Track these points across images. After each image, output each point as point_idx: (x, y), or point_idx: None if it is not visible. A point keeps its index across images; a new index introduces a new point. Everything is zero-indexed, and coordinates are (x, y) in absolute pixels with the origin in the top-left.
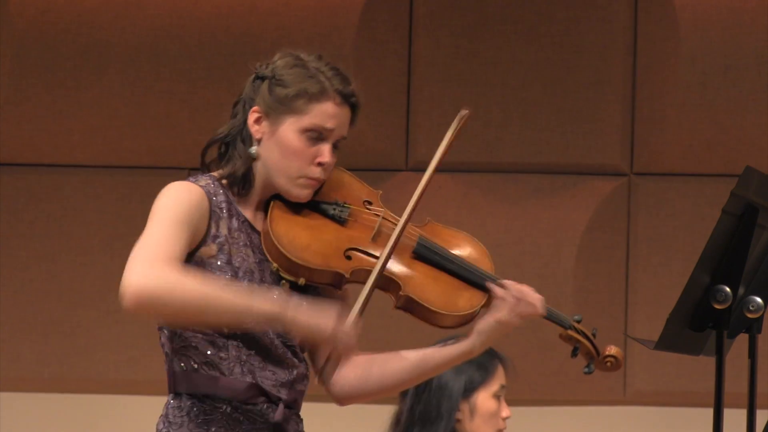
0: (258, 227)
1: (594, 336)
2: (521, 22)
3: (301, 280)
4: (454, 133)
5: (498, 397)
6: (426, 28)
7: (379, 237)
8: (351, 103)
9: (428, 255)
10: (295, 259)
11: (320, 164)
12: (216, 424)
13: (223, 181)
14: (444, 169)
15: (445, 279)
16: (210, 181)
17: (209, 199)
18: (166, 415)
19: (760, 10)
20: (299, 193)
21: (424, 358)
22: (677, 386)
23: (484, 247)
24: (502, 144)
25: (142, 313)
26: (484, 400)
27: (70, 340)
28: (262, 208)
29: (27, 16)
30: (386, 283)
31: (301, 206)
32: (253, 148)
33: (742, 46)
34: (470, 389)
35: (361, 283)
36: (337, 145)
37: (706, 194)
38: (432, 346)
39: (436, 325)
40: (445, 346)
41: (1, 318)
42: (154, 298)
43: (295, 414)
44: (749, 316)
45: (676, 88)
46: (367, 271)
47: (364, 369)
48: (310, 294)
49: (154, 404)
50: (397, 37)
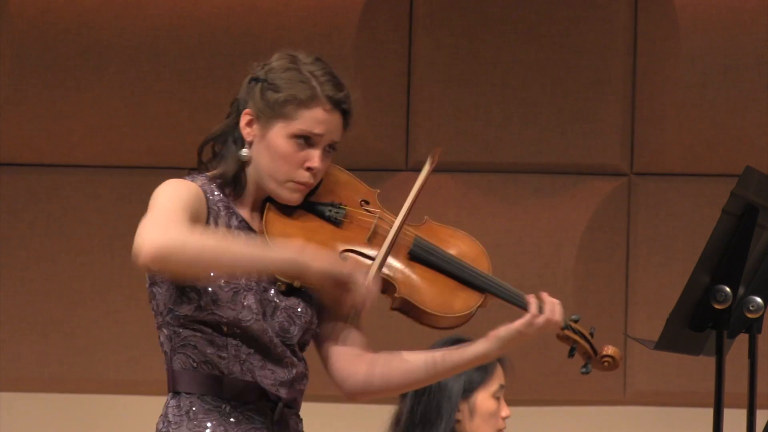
0: (255, 227)
1: (592, 336)
2: (521, 22)
3: (297, 282)
4: (428, 174)
5: (497, 397)
6: (426, 28)
7: (374, 238)
8: (342, 109)
9: (424, 256)
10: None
11: (309, 169)
12: (215, 423)
13: (218, 181)
14: (444, 169)
15: (442, 280)
16: (206, 181)
17: (206, 198)
18: (165, 415)
19: (760, 10)
20: (289, 196)
21: (440, 358)
22: (677, 386)
23: (481, 247)
24: (502, 144)
25: (159, 267)
26: (483, 400)
27: (70, 340)
28: (259, 209)
29: (27, 16)
30: (382, 284)
31: (297, 207)
32: (244, 150)
33: (742, 46)
34: (469, 389)
35: None
36: (334, 146)
37: (706, 194)
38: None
39: (433, 327)
40: (461, 347)
41: (1, 318)
42: (170, 249)
43: (294, 413)
44: (749, 316)
45: (676, 88)
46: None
47: (375, 365)
48: (307, 295)
49: (154, 404)
50: (397, 37)
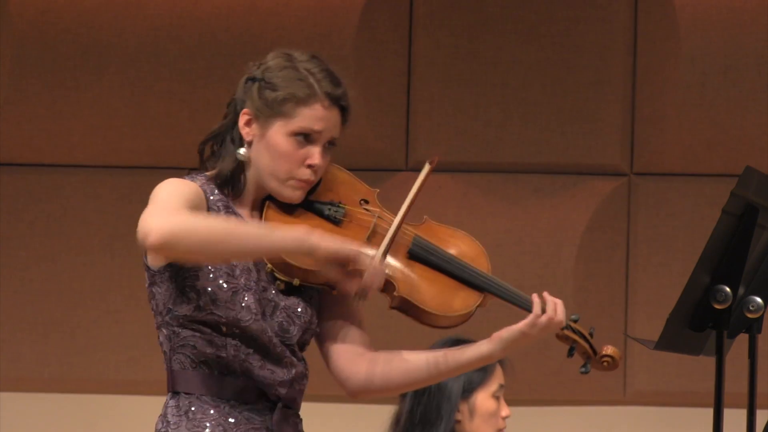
0: None
1: (591, 335)
2: (521, 22)
3: (296, 281)
4: (423, 181)
5: (497, 397)
6: (426, 28)
7: (374, 237)
8: (341, 105)
9: (423, 255)
10: (288, 259)
11: (310, 166)
12: (214, 423)
13: (217, 181)
14: (444, 169)
15: (441, 279)
16: (205, 181)
17: (206, 197)
18: (164, 415)
19: (760, 10)
20: (290, 194)
21: (442, 358)
22: (677, 386)
23: (481, 246)
24: (502, 144)
25: (167, 249)
26: (483, 400)
27: (70, 340)
28: (258, 209)
29: (27, 16)
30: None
31: (296, 207)
32: (242, 150)
33: (742, 46)
34: (469, 390)
35: None
36: (334, 142)
37: (706, 194)
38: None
39: (432, 326)
40: (463, 348)
41: (1, 318)
42: (180, 230)
43: (294, 414)
44: (749, 316)
45: (676, 88)
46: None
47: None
48: (307, 295)
49: (154, 404)
50: (397, 37)
